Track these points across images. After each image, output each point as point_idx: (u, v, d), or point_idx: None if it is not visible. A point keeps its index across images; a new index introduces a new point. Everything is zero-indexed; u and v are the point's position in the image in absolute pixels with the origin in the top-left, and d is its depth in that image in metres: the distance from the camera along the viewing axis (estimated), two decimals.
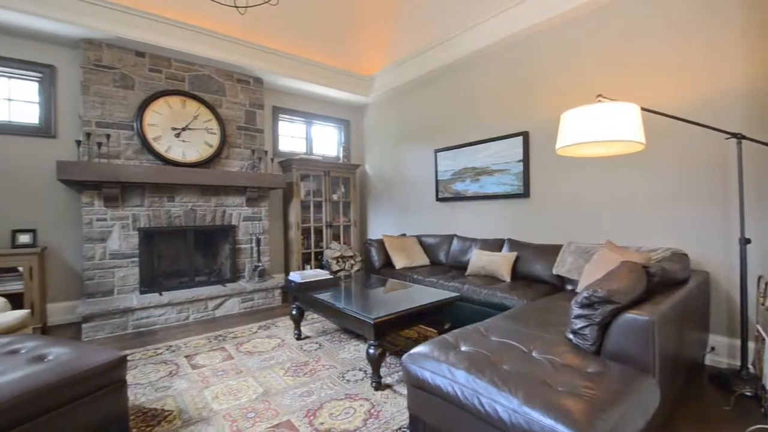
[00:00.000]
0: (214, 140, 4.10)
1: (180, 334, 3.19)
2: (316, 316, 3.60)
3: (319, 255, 5.12)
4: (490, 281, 3.10)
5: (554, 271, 2.92)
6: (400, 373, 2.34)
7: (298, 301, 2.98)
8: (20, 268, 3.11)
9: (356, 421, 1.82)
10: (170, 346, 2.88)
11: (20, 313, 2.34)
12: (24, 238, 3.31)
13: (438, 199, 4.47)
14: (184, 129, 3.91)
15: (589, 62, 3.07)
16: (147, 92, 3.74)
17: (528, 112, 3.53)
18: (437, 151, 4.45)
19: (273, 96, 5.00)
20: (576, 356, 1.48)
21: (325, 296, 2.66)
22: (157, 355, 2.72)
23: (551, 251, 3.07)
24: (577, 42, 3.15)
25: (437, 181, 4.46)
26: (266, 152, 4.60)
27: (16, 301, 3.02)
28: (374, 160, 5.66)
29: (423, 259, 4.12)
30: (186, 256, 4.07)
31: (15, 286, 3.08)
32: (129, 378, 2.32)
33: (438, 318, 2.57)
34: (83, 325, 3.09)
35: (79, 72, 3.55)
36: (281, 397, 2.07)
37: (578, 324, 1.56)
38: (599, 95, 2.07)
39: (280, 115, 5.12)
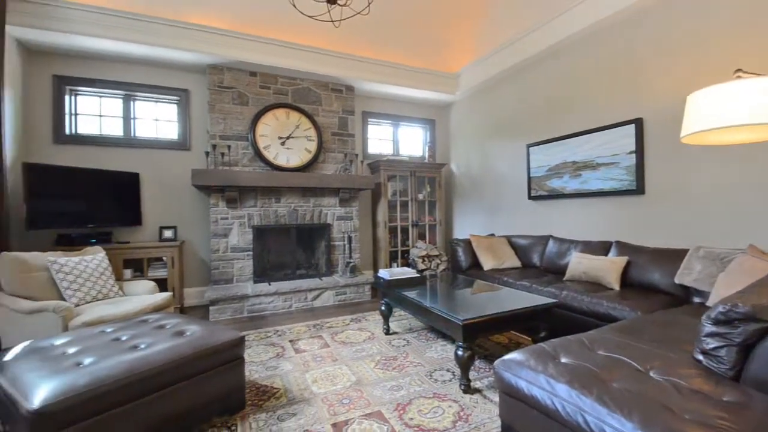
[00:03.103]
0: (313, 146, 4.47)
1: (285, 321, 3.56)
2: (403, 313, 3.68)
3: (405, 253, 5.22)
4: (594, 288, 2.80)
5: (677, 280, 2.52)
6: (490, 378, 2.27)
7: (387, 297, 3.09)
8: (164, 258, 3.81)
9: (445, 421, 1.82)
10: (277, 331, 3.24)
11: (165, 295, 2.87)
12: (168, 234, 4.04)
13: (530, 198, 4.19)
14: (288, 137, 4.35)
15: (718, 34, 2.57)
16: (258, 107, 4.25)
17: (641, 97, 3.09)
18: (530, 145, 4.17)
19: (362, 101, 5.24)
20: (707, 381, 1.26)
21: (412, 294, 2.70)
22: (267, 337, 3.07)
23: (673, 257, 2.65)
24: (703, 11, 2.66)
25: (529, 178, 4.19)
26: (357, 155, 4.84)
27: (161, 285, 3.71)
28: (460, 159, 5.54)
29: (513, 261, 3.91)
30: (289, 251, 4.53)
31: (161, 273, 3.79)
32: (245, 356, 2.67)
33: (532, 324, 2.41)
34: (210, 308, 3.66)
35: (206, 93, 4.20)
36: (372, 388, 2.17)
37: (711, 343, 1.33)
38: (738, 70, 1.72)
39: (369, 119, 5.34)
